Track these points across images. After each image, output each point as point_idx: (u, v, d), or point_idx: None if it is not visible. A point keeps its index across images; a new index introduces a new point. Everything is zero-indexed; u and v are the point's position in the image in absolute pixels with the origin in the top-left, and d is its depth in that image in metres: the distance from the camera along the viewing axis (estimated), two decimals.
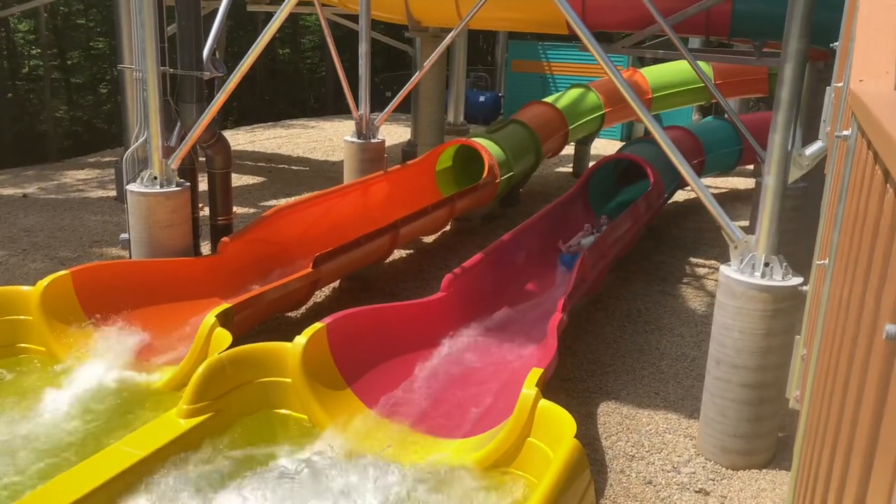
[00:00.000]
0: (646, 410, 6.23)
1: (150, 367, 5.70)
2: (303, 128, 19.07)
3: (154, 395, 5.38)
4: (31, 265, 8.85)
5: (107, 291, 6.33)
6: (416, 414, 5.24)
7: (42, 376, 5.58)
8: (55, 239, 9.87)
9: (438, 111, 13.46)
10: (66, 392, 5.29)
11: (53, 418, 4.92)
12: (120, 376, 5.57)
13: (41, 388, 5.36)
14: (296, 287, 6.69)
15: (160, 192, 6.91)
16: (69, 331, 5.97)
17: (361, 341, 5.51)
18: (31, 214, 10.91)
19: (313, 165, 14.96)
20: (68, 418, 4.95)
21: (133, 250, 7.09)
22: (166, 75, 7.13)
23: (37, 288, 5.94)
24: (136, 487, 4.17)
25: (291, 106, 29.30)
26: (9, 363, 5.75)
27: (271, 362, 5.10)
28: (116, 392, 5.41)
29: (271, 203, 11.96)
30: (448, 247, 10.35)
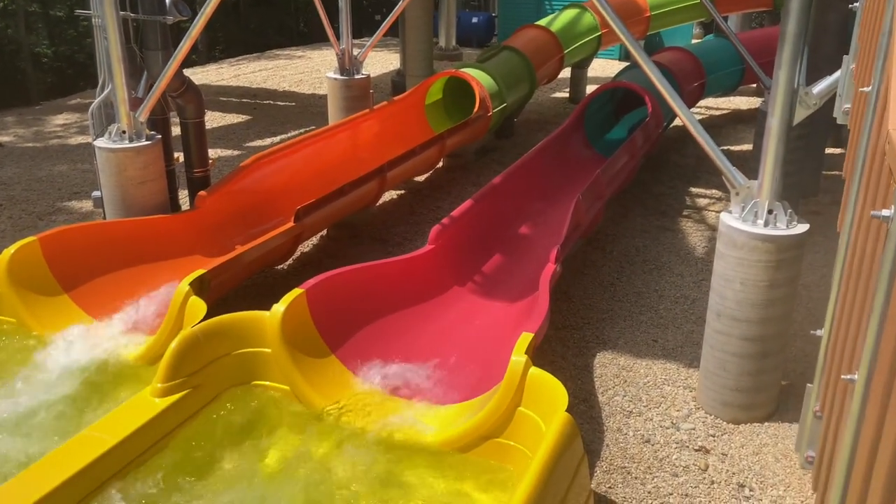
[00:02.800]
0: (644, 360, 6.03)
1: (127, 339, 5.46)
2: (289, 58, 18.37)
3: (131, 369, 5.16)
4: (6, 221, 8.56)
5: (79, 256, 6.05)
6: (406, 381, 5.02)
7: (12, 351, 5.35)
8: (33, 192, 9.54)
9: (426, 38, 12.84)
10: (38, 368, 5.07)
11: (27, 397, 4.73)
12: (96, 348, 5.34)
13: (12, 363, 5.15)
14: (277, 244, 6.40)
15: (130, 147, 6.54)
16: (41, 300, 5.72)
17: (344, 305, 5.25)
18: (8, 165, 10.55)
19: (300, 100, 14.43)
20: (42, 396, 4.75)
21: (106, 209, 6.78)
22: (128, 21, 6.65)
23: (2, 256, 5.66)
24: (110, 477, 3.98)
25: (279, 34, 28.33)
26: None
27: (249, 332, 4.85)
28: (92, 366, 5.19)
29: (256, 144, 11.56)
30: (440, 186, 10.00)
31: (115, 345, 5.40)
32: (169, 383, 4.53)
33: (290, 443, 4.61)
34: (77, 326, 5.54)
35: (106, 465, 4.02)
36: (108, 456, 4.05)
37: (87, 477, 3.91)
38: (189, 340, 4.67)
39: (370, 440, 4.53)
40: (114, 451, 4.08)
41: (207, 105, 13.61)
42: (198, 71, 17.30)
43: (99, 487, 3.93)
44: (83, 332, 5.50)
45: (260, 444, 4.53)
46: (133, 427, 4.24)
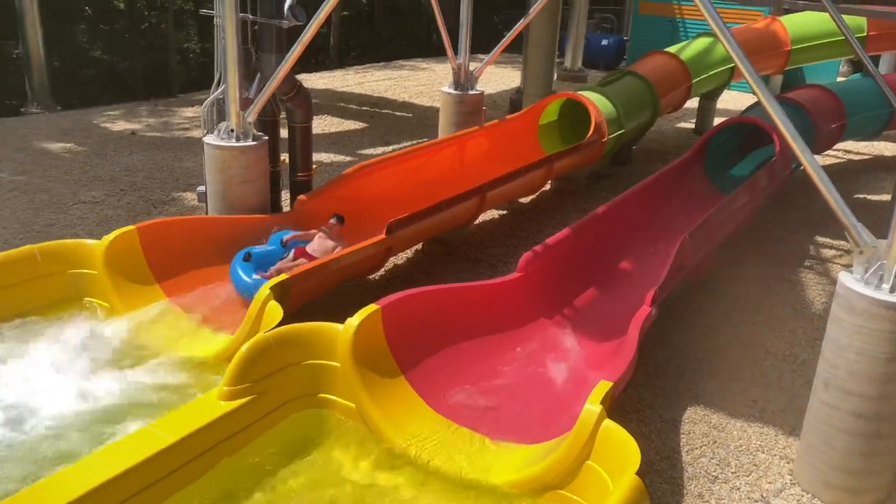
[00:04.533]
0: (739, 421, 5.52)
1: (208, 335, 5.51)
2: (413, 69, 18.57)
3: (205, 367, 5.18)
4: (124, 206, 8.95)
5: (174, 248, 6.19)
6: (474, 412, 4.79)
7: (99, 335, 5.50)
8: (152, 180, 9.96)
9: (549, 58, 12.57)
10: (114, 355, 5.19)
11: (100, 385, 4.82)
12: (176, 342, 5.41)
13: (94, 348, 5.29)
14: (365, 255, 6.32)
15: (235, 146, 6.65)
16: (134, 287, 5.87)
17: (421, 326, 5.08)
18: (135, 153, 11.08)
19: (417, 112, 14.49)
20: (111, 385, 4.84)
21: (209, 204, 6.92)
22: (248, 23, 6.79)
23: (102, 243, 5.85)
24: (165, 475, 3.96)
25: (410, 44, 28.77)
26: (70, 316, 5.71)
27: (320, 344, 4.77)
28: (170, 359, 5.26)
29: (368, 152, 11.64)
30: (545, 209, 9.70)
31: (197, 340, 5.45)
32: (235, 387, 4.49)
33: (349, 466, 4.46)
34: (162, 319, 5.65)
35: (162, 463, 4.00)
36: (166, 453, 4.04)
37: (141, 473, 3.89)
38: (260, 346, 4.63)
39: (435, 474, 4.32)
40: (171, 449, 4.05)
41: (327, 110, 13.96)
42: (325, 76, 17.76)
43: (152, 485, 3.90)
44: (168, 325, 5.59)
45: (317, 463, 4.42)
46: (193, 427, 4.21)
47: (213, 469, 4.16)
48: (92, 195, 9.26)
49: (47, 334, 5.44)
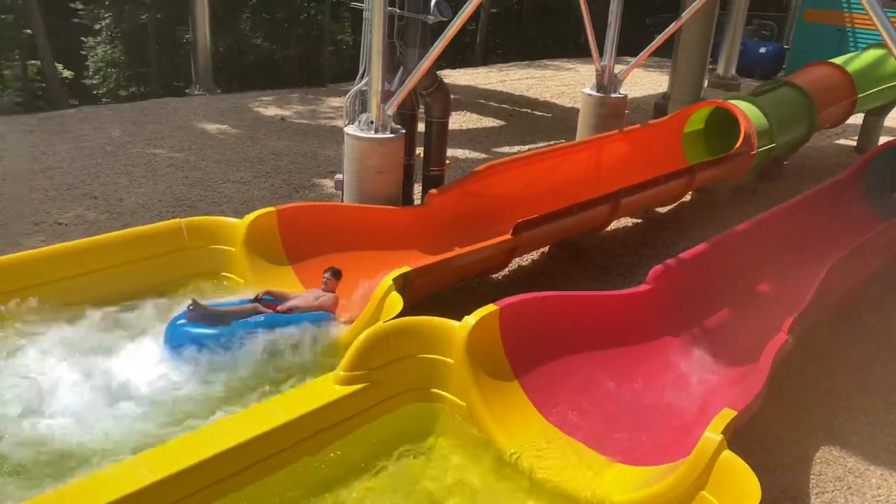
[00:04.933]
0: (879, 468, 5.06)
1: (332, 320, 5.65)
2: (557, 69, 18.36)
3: (325, 350, 5.32)
4: (268, 188, 9.38)
5: (309, 232, 6.39)
6: (587, 426, 4.65)
7: None
8: (296, 165, 10.38)
9: (700, 63, 12.03)
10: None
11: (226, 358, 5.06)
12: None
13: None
14: (489, 254, 6.28)
15: (373, 138, 6.79)
16: (268, 267, 6.12)
17: (539, 331, 4.98)
18: (283, 138, 11.60)
19: (557, 112, 14.30)
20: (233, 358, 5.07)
21: (344, 192, 7.11)
22: (394, 17, 6.90)
23: (243, 221, 6.14)
24: (275, 452, 4.10)
25: (556, 44, 28.49)
26: (210, 289, 6.04)
27: (436, 339, 4.77)
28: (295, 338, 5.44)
29: (504, 150, 11.61)
30: (682, 220, 9.30)
31: (320, 323, 5.60)
32: (351, 373, 4.57)
33: (454, 464, 4.45)
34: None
35: (274, 440, 4.13)
36: (279, 431, 4.16)
37: (254, 448, 4.03)
38: (378, 335, 4.69)
39: (545, 486, 4.23)
40: (285, 427, 4.18)
41: (467, 106, 14.04)
42: (468, 72, 17.88)
43: (262, 461, 4.04)
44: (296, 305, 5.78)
45: (423, 457, 4.43)
46: (308, 409, 4.32)
47: (321, 451, 4.26)
48: (240, 175, 9.77)
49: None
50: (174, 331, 5.17)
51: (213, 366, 4.97)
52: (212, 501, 3.80)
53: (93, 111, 13.23)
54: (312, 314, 5.54)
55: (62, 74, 25.58)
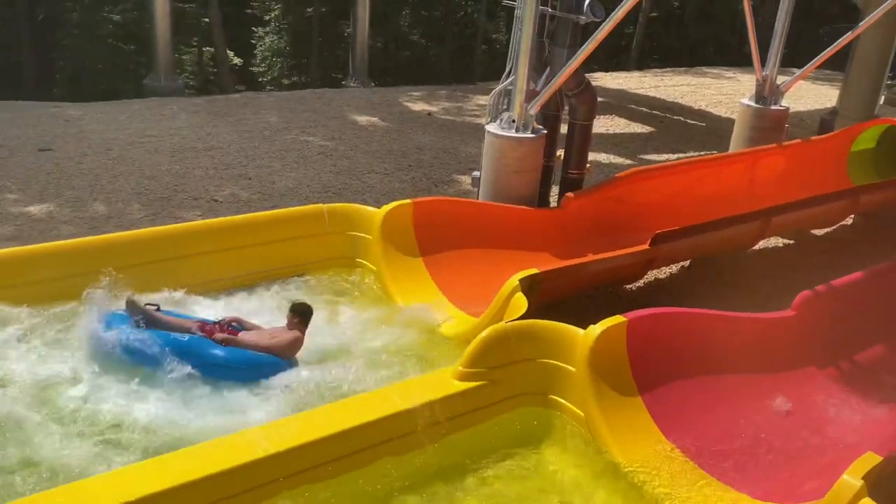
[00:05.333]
0: None
1: (456, 314, 5.69)
2: (715, 77, 17.56)
3: (447, 344, 5.36)
4: (408, 181, 9.58)
5: (442, 227, 6.46)
6: (712, 455, 4.40)
7: (363, 296, 5.94)
8: (438, 160, 10.54)
9: (876, 77, 11.10)
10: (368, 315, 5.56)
11: (347, 339, 5.21)
12: (427, 314, 5.66)
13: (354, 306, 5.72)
14: (623, 263, 6.09)
15: (513, 137, 6.75)
16: (400, 258, 6.24)
17: (668, 348, 4.77)
18: (428, 133, 11.81)
19: (711, 122, 13.68)
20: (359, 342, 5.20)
21: (480, 189, 7.13)
22: (545, 16, 6.83)
23: (381, 211, 6.29)
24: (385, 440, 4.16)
25: (718, 52, 27.26)
26: (344, 274, 6.24)
27: (559, 345, 4.67)
28: (418, 329, 5.52)
29: (650, 157, 11.24)
30: (841, 245, 8.63)
31: (444, 317, 5.66)
32: (470, 370, 4.57)
33: (566, 473, 4.35)
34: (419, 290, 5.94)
35: (390, 426, 4.20)
36: (396, 418, 4.23)
37: (370, 431, 4.12)
38: (499, 335, 4.66)
39: None
40: (402, 415, 4.24)
41: (616, 110, 13.71)
42: (620, 76, 17.47)
43: (375, 446, 4.12)
44: (422, 297, 5.87)
45: (533, 461, 4.36)
46: (425, 399, 4.36)
47: (433, 443, 4.27)
48: (384, 167, 10.03)
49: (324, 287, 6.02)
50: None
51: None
52: (322, 480, 3.91)
53: (255, 97, 14.05)
54: (249, 355, 4.82)
55: (232, 61, 27.33)
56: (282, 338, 4.91)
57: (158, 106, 12.31)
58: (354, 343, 5.23)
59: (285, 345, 4.89)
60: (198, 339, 4.82)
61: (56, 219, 7.54)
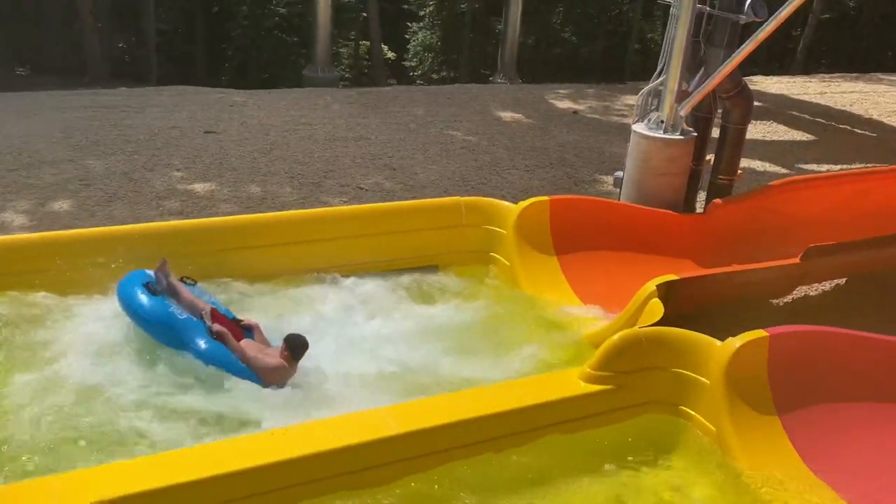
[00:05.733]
0: None
1: (586, 315, 5.60)
2: (892, 84, 16.20)
3: (576, 345, 5.29)
4: (549, 178, 9.51)
5: (579, 226, 6.38)
6: (857, 487, 4.10)
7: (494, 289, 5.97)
8: (580, 159, 10.40)
9: None
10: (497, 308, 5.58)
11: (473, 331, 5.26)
12: (557, 312, 5.62)
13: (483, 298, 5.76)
14: (771, 276, 5.76)
15: (660, 138, 6.55)
16: (533, 254, 6.22)
17: (814, 369, 4.47)
18: (572, 131, 11.67)
19: (883, 133, 12.64)
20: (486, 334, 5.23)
21: (622, 190, 6.97)
22: (703, 15, 6.56)
23: (517, 207, 6.30)
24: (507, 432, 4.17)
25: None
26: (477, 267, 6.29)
27: (694, 355, 4.50)
28: (547, 326, 5.49)
29: (811, 167, 10.55)
30: None
31: (575, 317, 5.59)
32: (597, 372, 4.50)
33: (693, 490, 4.18)
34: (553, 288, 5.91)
35: (509, 420, 4.20)
36: (517, 413, 4.23)
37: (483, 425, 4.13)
38: (631, 340, 4.55)
39: None
40: (523, 410, 4.23)
41: (774, 116, 12.96)
42: (782, 80, 16.49)
43: (494, 438, 4.14)
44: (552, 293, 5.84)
45: (655, 472, 4.23)
46: (550, 397, 4.33)
47: (552, 442, 4.24)
48: (525, 163, 10.02)
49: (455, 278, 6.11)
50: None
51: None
52: (442, 464, 3.97)
53: (404, 90, 14.46)
54: (227, 359, 4.60)
55: (386, 55, 28.20)
56: (264, 360, 4.62)
57: (314, 96, 12.91)
58: (481, 335, 5.27)
59: (262, 367, 4.59)
60: (194, 322, 4.71)
61: (216, 197, 8.09)
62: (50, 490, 3.28)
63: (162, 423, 4.18)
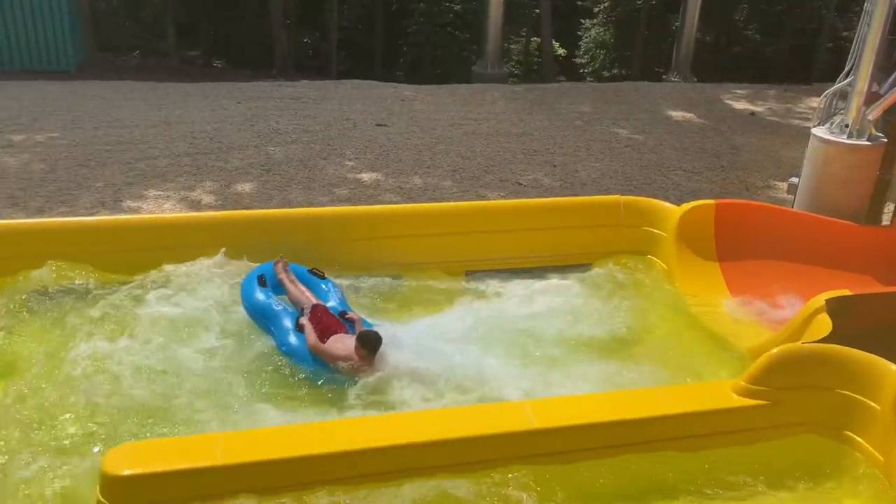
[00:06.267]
0: None
1: (747, 326, 5.33)
2: None
3: (735, 356, 5.05)
4: (718, 182, 9.11)
5: (746, 232, 6.07)
6: None
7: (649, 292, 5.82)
8: (755, 163, 9.89)
9: None
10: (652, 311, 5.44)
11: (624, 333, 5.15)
12: (714, 320, 5.40)
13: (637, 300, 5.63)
14: None
15: (844, 143, 6.09)
16: (693, 259, 6.00)
17: None
18: (747, 133, 11.13)
19: None
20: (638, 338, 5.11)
21: (797, 198, 6.56)
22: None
23: (679, 209, 6.10)
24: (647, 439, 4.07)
25: None
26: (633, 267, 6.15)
27: (864, 378, 4.15)
28: (703, 334, 5.29)
29: None
30: None
31: (734, 327, 5.34)
32: (753, 386, 4.27)
33: None
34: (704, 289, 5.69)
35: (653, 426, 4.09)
36: (663, 420, 4.11)
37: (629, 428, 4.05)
38: (793, 355, 4.28)
39: None
40: (669, 418, 4.11)
41: None
42: None
43: (635, 443, 4.04)
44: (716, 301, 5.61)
45: (809, 498, 3.95)
46: (698, 407, 4.17)
47: (696, 454, 4.08)
48: (693, 165, 9.66)
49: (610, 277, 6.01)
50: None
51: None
52: (577, 462, 3.93)
53: (572, 87, 14.33)
54: (300, 351, 4.69)
55: (557, 52, 28.03)
56: (332, 348, 4.62)
57: (481, 91, 13.13)
58: (632, 338, 5.16)
59: (330, 354, 4.60)
60: (288, 313, 4.94)
61: (381, 186, 8.46)
62: (213, 445, 3.60)
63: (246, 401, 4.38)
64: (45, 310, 5.09)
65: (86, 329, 4.78)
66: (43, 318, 5.03)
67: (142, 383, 4.34)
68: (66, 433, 3.96)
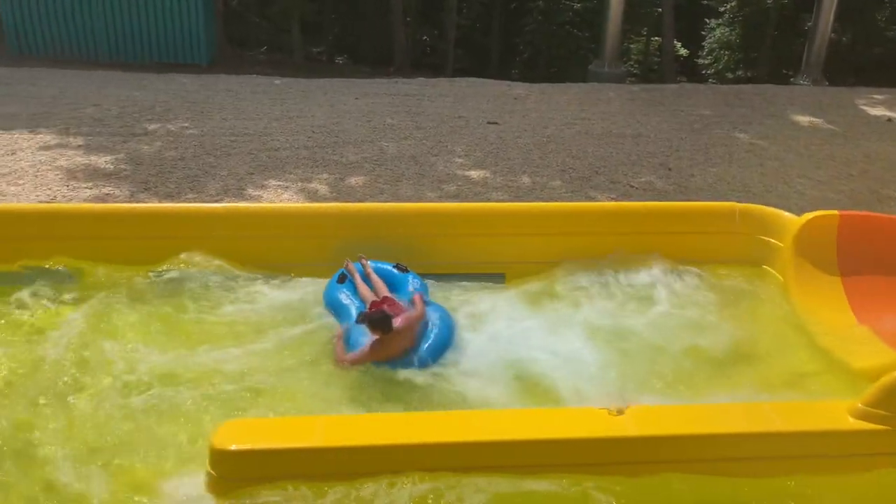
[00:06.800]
0: None
1: (869, 345, 5.02)
2: None
3: (849, 374, 4.77)
4: (847, 192, 8.60)
5: (873, 246, 5.70)
6: None
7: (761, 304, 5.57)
8: (890, 172, 9.31)
9: None
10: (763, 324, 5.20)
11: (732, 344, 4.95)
12: (832, 337, 5.11)
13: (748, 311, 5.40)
14: None
15: None
16: (814, 274, 5.69)
17: None
18: (883, 140, 10.48)
19: None
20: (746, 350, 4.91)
21: None
22: None
23: (799, 219, 5.80)
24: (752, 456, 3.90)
25: None
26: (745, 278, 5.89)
27: None
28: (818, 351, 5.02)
29: None
30: None
31: (853, 346, 5.04)
32: (872, 409, 4.01)
33: None
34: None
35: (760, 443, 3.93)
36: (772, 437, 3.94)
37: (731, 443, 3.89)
38: None
39: None
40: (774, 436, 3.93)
41: None
42: None
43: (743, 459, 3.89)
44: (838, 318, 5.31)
45: None
46: (810, 427, 3.96)
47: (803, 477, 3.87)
48: (819, 173, 9.17)
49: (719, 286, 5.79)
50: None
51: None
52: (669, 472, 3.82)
53: (692, 88, 13.88)
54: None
55: (678, 52, 27.20)
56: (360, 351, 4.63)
57: (596, 91, 12.93)
58: (741, 351, 4.95)
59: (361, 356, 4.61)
60: (355, 307, 5.10)
61: (489, 185, 8.48)
62: (313, 427, 3.74)
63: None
64: (187, 290, 5.42)
65: (197, 308, 5.20)
66: (181, 297, 5.36)
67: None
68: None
